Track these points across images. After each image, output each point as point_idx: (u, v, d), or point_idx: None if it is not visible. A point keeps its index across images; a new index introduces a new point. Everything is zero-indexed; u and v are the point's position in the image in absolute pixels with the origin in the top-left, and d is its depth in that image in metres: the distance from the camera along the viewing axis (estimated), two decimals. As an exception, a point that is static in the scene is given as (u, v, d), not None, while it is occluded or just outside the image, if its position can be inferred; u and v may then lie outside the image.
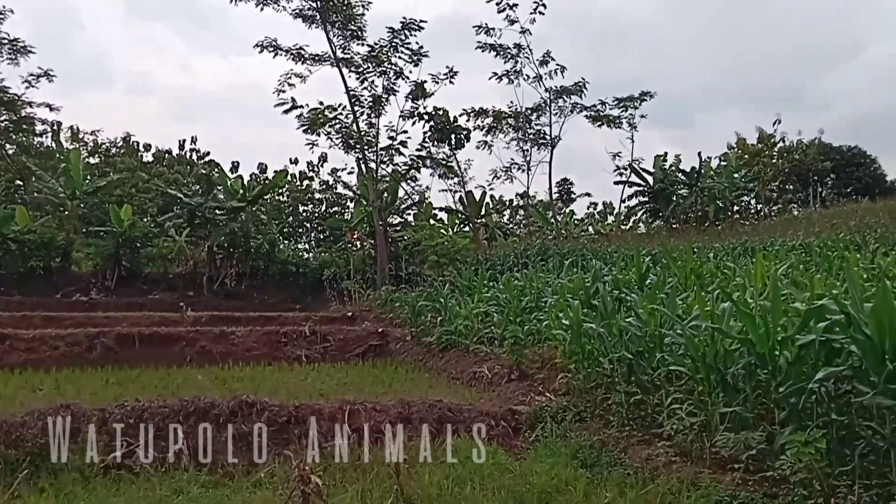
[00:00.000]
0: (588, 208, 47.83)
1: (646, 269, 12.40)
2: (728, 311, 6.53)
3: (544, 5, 28.40)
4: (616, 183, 36.62)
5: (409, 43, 24.71)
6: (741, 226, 33.27)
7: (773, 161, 40.99)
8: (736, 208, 39.18)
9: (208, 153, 42.94)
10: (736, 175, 37.46)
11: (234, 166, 36.53)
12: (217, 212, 26.51)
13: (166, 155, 41.58)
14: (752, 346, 5.84)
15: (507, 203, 44.13)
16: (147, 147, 42.46)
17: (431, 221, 30.62)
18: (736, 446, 5.60)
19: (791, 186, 42.01)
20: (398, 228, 28.53)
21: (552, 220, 34.13)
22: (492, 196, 37.96)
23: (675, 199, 36.17)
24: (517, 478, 6.45)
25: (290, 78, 25.03)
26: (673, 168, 38.26)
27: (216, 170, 32.54)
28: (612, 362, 8.17)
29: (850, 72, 70.73)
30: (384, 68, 24.96)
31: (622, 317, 8.42)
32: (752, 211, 40.76)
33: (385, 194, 27.06)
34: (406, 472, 6.06)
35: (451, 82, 26.42)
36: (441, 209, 32.92)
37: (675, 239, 27.00)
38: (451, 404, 8.68)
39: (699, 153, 37.03)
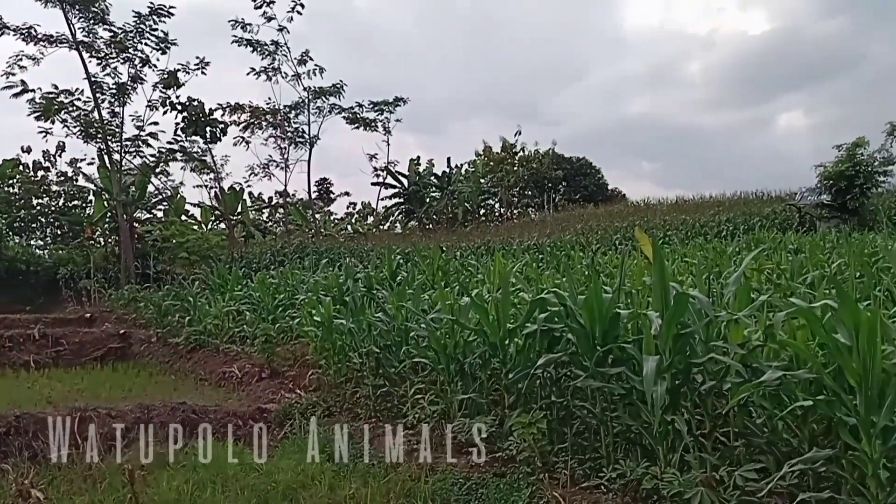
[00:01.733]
0: (348, 208, 48.30)
1: (396, 267, 12.83)
2: (468, 305, 6.98)
3: (302, 5, 28.19)
4: (373, 184, 37.39)
5: (157, 30, 23.25)
6: (486, 227, 35.54)
7: (515, 168, 44.34)
8: (482, 211, 41.80)
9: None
10: (482, 180, 40.00)
11: (-47, 154, 31.56)
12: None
13: None
14: (486, 336, 6.28)
15: (267, 201, 43.16)
16: None
17: (184, 218, 29.00)
18: (470, 431, 6.01)
19: (529, 192, 45.73)
20: (146, 224, 26.61)
21: (311, 219, 33.96)
22: (250, 193, 36.94)
23: (428, 201, 37.73)
24: (263, 476, 6.37)
25: (20, 59, 22.39)
26: (426, 172, 39.89)
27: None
28: (362, 356, 8.38)
29: (578, 91, 79.03)
30: (129, 55, 23.21)
31: (372, 312, 8.66)
32: (496, 213, 43.77)
33: (132, 188, 25.21)
34: (142, 478, 5.71)
35: (203, 73, 25.30)
36: (195, 205, 31.39)
37: (428, 238, 28.23)
38: (197, 406, 8.38)
39: (449, 158, 39.09)
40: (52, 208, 27.50)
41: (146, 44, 23.39)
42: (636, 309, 5.44)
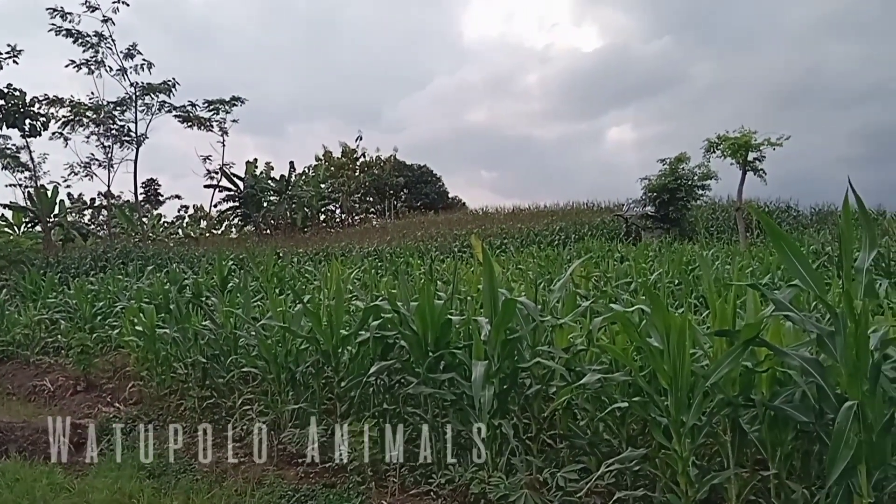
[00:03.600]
0: (179, 211, 45.95)
1: (228, 273, 12.28)
2: (300, 313, 6.76)
3: (129, -5, 26.55)
4: (206, 186, 35.85)
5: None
6: (327, 233, 35.10)
7: (356, 174, 44.18)
8: (322, 216, 41.24)
9: None
10: (323, 185, 39.47)
11: None
12: None
13: None
14: (318, 344, 6.10)
15: (89, 202, 40.14)
16: None
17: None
18: (301, 441, 5.80)
19: (371, 198, 45.74)
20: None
21: (137, 222, 31.95)
22: (69, 194, 34.26)
23: (265, 205, 36.69)
24: (75, 496, 5.82)
25: None
26: (264, 175, 38.79)
27: None
28: (187, 367, 7.94)
29: (420, 99, 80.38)
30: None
31: (199, 320, 8.21)
32: (337, 219, 43.37)
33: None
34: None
35: (14, 62, 23.13)
36: (6, 206, 28.61)
37: (265, 244, 27.39)
38: (2, 423, 7.60)
39: (291, 162, 38.24)
40: None
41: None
42: (468, 315, 5.48)
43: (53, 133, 28.14)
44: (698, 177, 26.44)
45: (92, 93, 29.03)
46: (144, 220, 34.32)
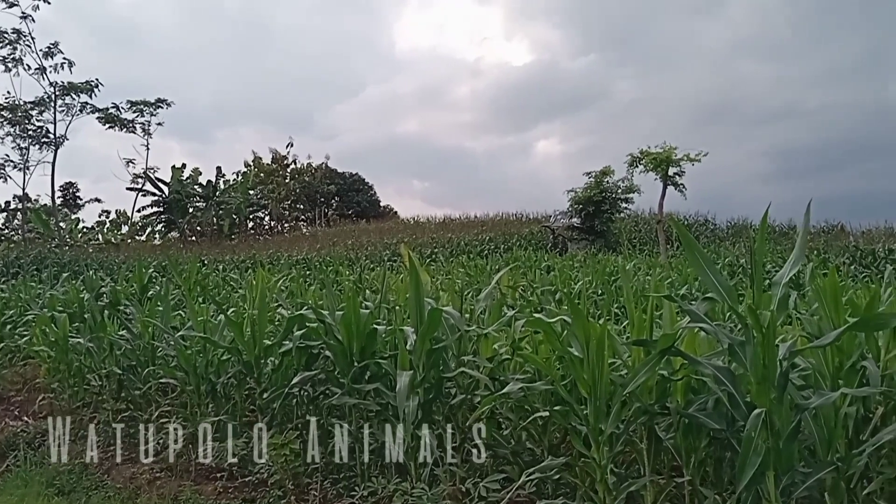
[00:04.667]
0: (100, 216, 44.30)
1: (148, 281, 11.89)
2: (222, 322, 6.59)
3: (49, -8, 25.61)
4: (129, 189, 34.77)
5: None
6: (255, 240, 34.48)
7: (287, 181, 43.56)
8: (251, 223, 40.50)
9: None
10: (251, 191, 38.77)
11: None
12: None
13: None
14: (240, 354, 5.96)
15: (3, 206, 38.31)
16: None
17: None
18: (220, 455, 5.65)
19: (301, 205, 45.14)
20: None
21: (55, 227, 30.69)
22: (-22, 198, 32.60)
23: (191, 211, 35.79)
24: (-25, 518, 5.52)
25: None
26: (190, 180, 37.85)
27: None
28: (102, 378, 7.64)
29: (352, 107, 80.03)
30: None
31: (115, 330, 7.92)
32: (266, 226, 42.64)
33: None
34: None
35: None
36: None
37: (190, 251, 26.71)
38: None
39: (219, 168, 37.44)
40: None
41: None
42: (395, 324, 5.44)
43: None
44: (622, 190, 27.17)
45: (8, 92, 27.97)
46: (62, 224, 32.99)
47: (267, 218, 43.71)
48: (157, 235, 39.33)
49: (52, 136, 27.92)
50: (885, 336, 3.67)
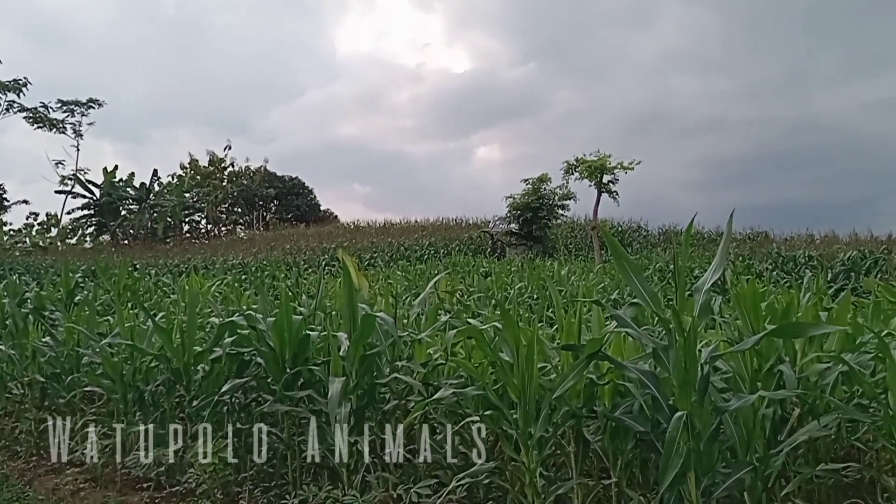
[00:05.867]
0: (27, 218, 42.62)
1: (76, 286, 11.51)
2: (152, 328, 6.42)
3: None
4: (58, 192, 33.60)
5: None
6: (190, 244, 33.72)
7: (224, 184, 42.75)
8: (186, 227, 39.59)
9: None
10: (187, 194, 37.94)
11: None
12: None
13: None
14: (169, 362, 5.82)
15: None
16: None
17: None
18: (147, 465, 5.50)
19: (239, 209, 44.36)
20: None
21: (-24, 229, 29.45)
22: None
23: (124, 213, 34.82)
24: None
25: None
26: (122, 182, 36.80)
27: None
28: (23, 387, 7.36)
29: (291, 110, 79.21)
30: None
31: (39, 336, 7.63)
32: (202, 230, 41.73)
33: None
34: None
35: None
36: None
37: (122, 255, 25.94)
38: None
39: (155, 170, 36.52)
40: None
41: None
42: (330, 330, 5.39)
43: None
44: (559, 197, 27.64)
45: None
46: (-15, 227, 31.66)
47: (203, 221, 42.84)
48: (87, 239, 38.10)
49: (-26, 135, 26.78)
50: (802, 340, 3.82)
